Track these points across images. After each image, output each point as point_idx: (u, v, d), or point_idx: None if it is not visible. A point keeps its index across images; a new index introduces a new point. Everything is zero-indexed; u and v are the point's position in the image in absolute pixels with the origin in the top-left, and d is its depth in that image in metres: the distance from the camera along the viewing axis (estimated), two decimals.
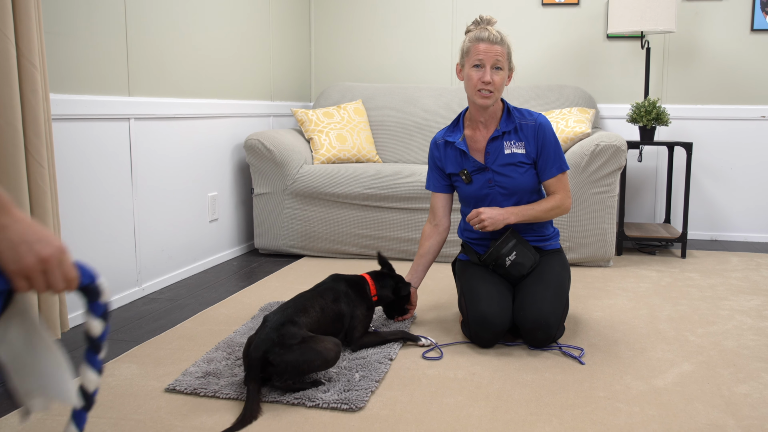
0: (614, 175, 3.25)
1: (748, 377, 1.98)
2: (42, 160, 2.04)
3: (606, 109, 4.20)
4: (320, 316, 2.04)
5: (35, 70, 2.00)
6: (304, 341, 1.85)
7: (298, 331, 1.87)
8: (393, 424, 1.68)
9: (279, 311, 1.96)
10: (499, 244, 2.27)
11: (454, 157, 2.37)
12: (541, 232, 2.40)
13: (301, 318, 1.94)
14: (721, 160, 4.13)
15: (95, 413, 1.73)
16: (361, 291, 2.25)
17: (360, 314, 2.20)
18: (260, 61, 3.90)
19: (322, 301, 2.09)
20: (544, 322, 2.14)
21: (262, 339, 1.84)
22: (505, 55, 2.25)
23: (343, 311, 2.14)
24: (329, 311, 2.09)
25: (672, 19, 3.61)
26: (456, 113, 3.96)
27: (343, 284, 2.21)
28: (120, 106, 2.69)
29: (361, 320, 2.19)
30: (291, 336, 1.84)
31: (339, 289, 2.17)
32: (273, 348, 1.80)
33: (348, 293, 2.19)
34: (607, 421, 1.70)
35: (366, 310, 2.23)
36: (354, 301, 2.19)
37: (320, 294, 2.12)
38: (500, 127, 2.31)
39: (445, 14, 4.38)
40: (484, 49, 2.22)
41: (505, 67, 2.25)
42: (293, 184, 3.51)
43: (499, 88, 2.25)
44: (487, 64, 2.22)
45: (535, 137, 2.31)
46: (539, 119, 2.32)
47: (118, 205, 2.71)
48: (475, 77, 2.24)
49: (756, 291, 2.93)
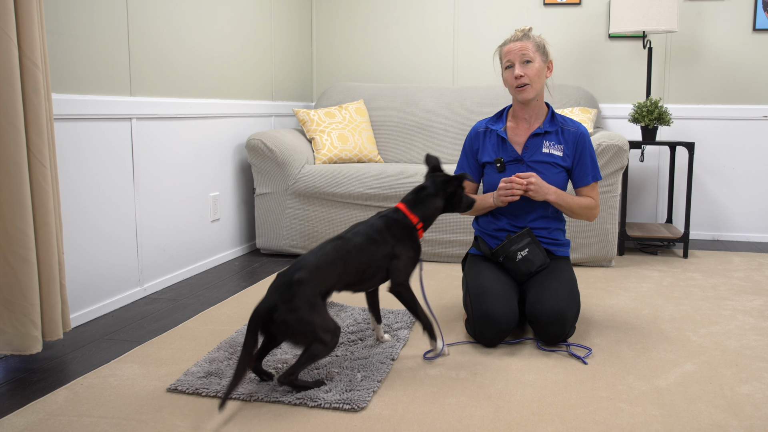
0: (616, 175, 3.25)
1: (750, 377, 1.97)
2: (44, 159, 2.04)
3: (608, 109, 4.20)
4: (343, 270, 1.93)
5: (37, 69, 2.00)
6: (311, 309, 1.80)
7: (309, 293, 1.81)
8: (395, 424, 1.68)
9: (294, 268, 1.87)
10: (513, 239, 2.32)
11: (492, 145, 2.42)
12: (555, 237, 2.42)
13: (314, 276, 1.84)
14: (723, 159, 4.12)
15: (96, 413, 1.73)
16: (402, 227, 2.06)
17: (402, 254, 2.03)
18: (262, 61, 3.90)
19: (346, 252, 1.94)
20: (561, 316, 2.14)
21: (271, 294, 1.82)
22: (532, 48, 2.30)
23: (375, 256, 1.99)
24: (354, 262, 1.95)
25: (674, 18, 3.61)
26: (458, 113, 3.96)
27: (379, 223, 2.04)
28: (122, 106, 2.69)
29: (404, 262, 2.03)
30: (300, 297, 1.79)
31: (369, 232, 2.01)
32: (279, 306, 1.78)
33: (382, 232, 2.01)
34: (609, 421, 1.70)
35: (410, 249, 2.05)
36: (392, 240, 2.02)
37: (344, 243, 1.97)
38: (543, 126, 2.37)
39: (447, 14, 4.38)
40: (509, 49, 2.33)
41: (535, 60, 2.30)
42: (295, 184, 3.51)
43: (533, 78, 2.30)
44: (515, 62, 2.30)
45: (575, 144, 2.37)
46: (581, 128, 2.40)
47: (120, 204, 2.72)
48: (509, 77, 2.34)
49: (758, 291, 2.92)
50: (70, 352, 2.20)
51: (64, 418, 1.71)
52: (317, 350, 1.82)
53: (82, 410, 1.75)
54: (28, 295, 2.01)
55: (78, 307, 2.49)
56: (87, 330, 2.43)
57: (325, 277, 1.89)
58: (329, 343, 1.83)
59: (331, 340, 1.83)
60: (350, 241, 1.98)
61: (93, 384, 1.92)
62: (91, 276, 2.57)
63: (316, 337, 1.80)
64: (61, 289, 2.15)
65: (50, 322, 2.11)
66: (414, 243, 2.07)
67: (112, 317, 2.58)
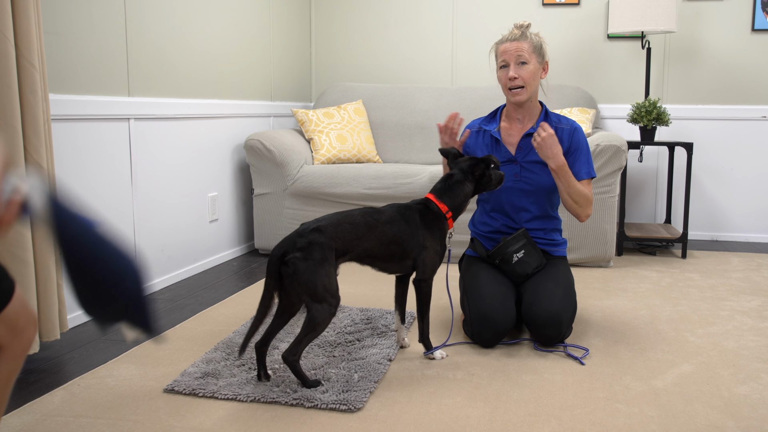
0: (615, 176, 3.25)
1: (747, 378, 1.97)
2: (41, 160, 2.04)
3: (606, 109, 4.20)
4: (366, 235, 1.92)
5: (34, 70, 2.00)
6: (321, 262, 1.80)
7: (325, 244, 1.82)
8: (391, 424, 1.68)
9: (317, 219, 1.90)
10: (509, 240, 2.30)
11: (486, 146, 2.40)
12: (552, 237, 2.41)
13: (333, 230, 1.85)
14: (721, 160, 4.12)
15: (93, 413, 1.73)
16: (432, 216, 2.05)
17: (430, 247, 2.03)
18: (260, 62, 3.90)
19: (374, 220, 1.95)
20: (557, 319, 2.14)
21: (288, 238, 1.84)
22: (528, 49, 2.27)
23: (402, 236, 1.98)
24: (381, 233, 1.95)
25: (673, 19, 3.61)
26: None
27: (413, 208, 2.04)
28: (120, 107, 2.69)
29: (431, 256, 2.04)
30: (315, 246, 1.80)
31: (403, 211, 2.02)
32: (293, 250, 1.79)
33: (415, 217, 2.02)
34: (606, 422, 1.70)
35: (437, 243, 2.05)
36: (423, 229, 2.02)
37: (374, 211, 1.99)
38: (536, 126, 2.34)
39: (446, 14, 4.38)
40: (504, 48, 2.29)
41: (531, 61, 2.27)
42: (293, 185, 3.51)
43: (528, 81, 2.27)
44: (510, 62, 2.27)
45: (570, 140, 2.34)
46: (575, 125, 2.38)
47: (118, 205, 2.71)
48: (503, 77, 2.31)
49: (756, 291, 2.92)
50: (67, 353, 2.20)
51: (60, 418, 1.71)
52: (318, 314, 1.80)
53: (79, 411, 1.75)
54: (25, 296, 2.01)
55: (76, 308, 2.48)
56: (85, 330, 2.43)
57: (345, 236, 1.89)
58: (330, 306, 1.81)
59: (332, 302, 1.82)
60: (382, 213, 2.00)
61: (90, 384, 1.92)
62: None
63: (317, 294, 1.79)
64: (59, 290, 2.15)
65: (47, 322, 2.11)
66: (442, 234, 2.08)
67: None
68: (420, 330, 2.13)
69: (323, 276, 1.80)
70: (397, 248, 2.00)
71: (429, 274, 2.07)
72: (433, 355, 2.11)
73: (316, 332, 1.83)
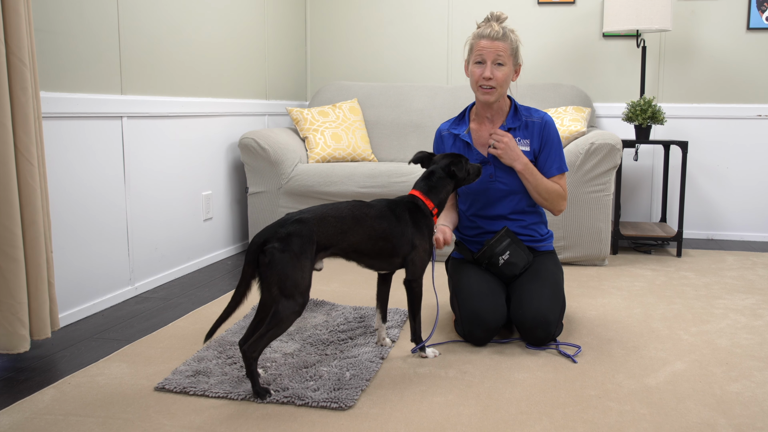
0: (609, 174, 3.25)
1: (740, 376, 1.97)
2: (32, 157, 2.03)
3: (602, 108, 4.19)
4: (352, 228, 1.90)
5: (25, 67, 1.99)
6: (298, 254, 1.77)
7: (306, 236, 1.79)
8: (382, 423, 1.67)
9: (301, 210, 1.88)
10: (493, 243, 2.27)
11: (458, 150, 2.37)
12: (535, 233, 2.39)
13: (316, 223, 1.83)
14: (717, 158, 4.12)
15: (83, 412, 1.72)
16: (421, 214, 2.04)
17: (419, 245, 2.02)
18: (255, 60, 3.89)
19: (362, 213, 1.93)
20: (544, 320, 2.13)
21: (269, 228, 1.81)
22: (508, 51, 2.24)
23: (392, 232, 1.96)
24: (369, 227, 1.93)
25: (668, 17, 3.60)
26: (452, 112, 3.95)
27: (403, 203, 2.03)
28: (112, 105, 2.68)
29: (420, 255, 2.02)
30: (295, 237, 1.77)
31: (394, 207, 2.00)
32: (273, 239, 1.77)
33: (405, 214, 2.00)
34: (597, 419, 1.69)
35: (426, 241, 2.04)
36: (413, 227, 2.01)
37: (363, 205, 1.96)
38: (506, 123, 2.32)
39: (441, 13, 4.37)
40: (485, 45, 2.24)
41: (507, 63, 2.25)
42: (288, 183, 3.50)
43: (501, 83, 2.25)
44: (488, 60, 2.23)
45: (540, 134, 2.32)
46: (545, 117, 2.34)
47: (111, 203, 2.70)
48: (476, 73, 2.26)
49: (751, 290, 2.92)
50: (58, 351, 2.19)
51: (50, 417, 1.70)
52: (283, 310, 1.75)
53: (69, 409, 1.74)
54: (15, 294, 2.00)
55: (68, 306, 2.48)
56: (76, 329, 2.42)
57: (329, 229, 1.86)
58: (296, 303, 1.76)
59: (299, 300, 1.77)
60: (371, 207, 1.98)
61: (80, 383, 1.91)
62: (82, 275, 2.56)
63: (285, 288, 1.75)
64: (50, 288, 2.14)
65: (38, 320, 2.10)
66: (430, 232, 2.07)
67: (102, 316, 2.57)
68: (412, 329, 2.12)
69: (297, 270, 1.76)
70: (387, 245, 1.97)
71: (419, 274, 2.06)
72: (426, 354, 2.11)
73: (279, 328, 1.77)
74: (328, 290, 2.86)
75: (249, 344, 1.78)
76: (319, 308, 2.58)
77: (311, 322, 2.41)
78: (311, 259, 1.81)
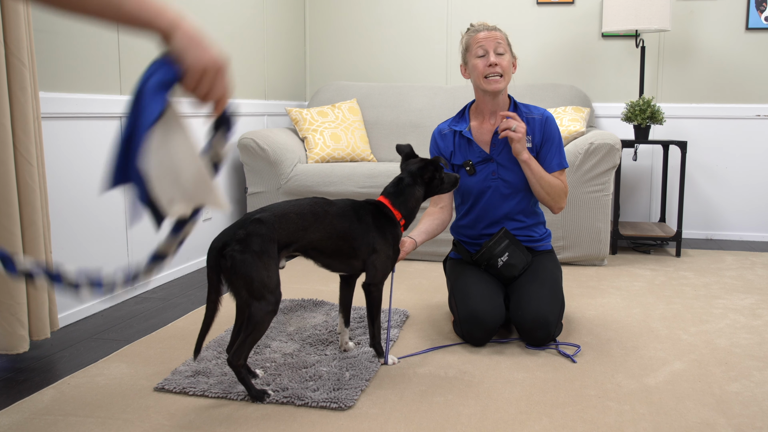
0: (608, 174, 3.25)
1: (739, 375, 1.97)
2: (31, 158, 2.03)
3: (601, 108, 4.20)
4: (312, 225, 1.84)
5: (24, 67, 1.99)
6: (260, 254, 1.70)
7: (265, 235, 1.73)
8: (382, 423, 1.67)
9: (260, 209, 1.82)
10: (492, 245, 2.27)
11: (458, 147, 2.37)
12: (534, 233, 2.39)
13: (276, 221, 1.77)
14: (716, 158, 4.12)
15: (82, 412, 1.72)
16: (386, 221, 1.98)
17: (381, 251, 1.96)
18: (254, 60, 3.89)
19: (323, 211, 1.88)
20: (544, 321, 2.13)
21: (228, 230, 1.75)
22: (505, 40, 2.27)
23: (352, 233, 1.90)
24: (329, 225, 1.87)
25: (666, 17, 3.61)
26: (451, 112, 3.95)
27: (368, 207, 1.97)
28: (111, 105, 2.68)
29: (382, 260, 1.96)
30: (254, 238, 1.71)
31: (357, 209, 1.94)
32: (232, 242, 1.71)
33: (368, 218, 1.94)
34: (597, 419, 1.69)
35: (390, 247, 1.98)
36: (375, 232, 1.95)
37: (326, 202, 1.91)
38: None
39: (440, 13, 4.38)
40: (484, 36, 2.25)
41: (507, 52, 2.26)
42: (287, 183, 3.50)
43: (506, 70, 2.25)
44: (489, 50, 2.24)
45: (542, 130, 2.31)
46: (546, 113, 2.34)
47: (110, 203, 2.70)
48: (480, 65, 2.25)
49: (750, 289, 2.92)
50: (57, 352, 2.19)
51: (49, 417, 1.70)
52: (256, 312, 1.71)
53: (68, 409, 1.74)
54: (14, 294, 2.00)
55: (67, 307, 2.47)
56: (76, 329, 2.41)
57: (290, 226, 1.80)
58: (269, 303, 1.72)
59: (270, 299, 1.72)
60: (333, 204, 1.92)
61: (80, 383, 1.91)
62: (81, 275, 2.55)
63: (254, 290, 1.70)
64: (49, 288, 2.14)
65: (37, 321, 2.10)
66: (395, 239, 2.01)
67: (101, 316, 2.57)
68: (371, 335, 2.04)
69: (261, 270, 1.70)
70: (345, 245, 1.91)
71: (380, 279, 1.98)
72: (385, 361, 2.04)
73: (258, 331, 1.73)
74: (328, 290, 2.86)
75: (232, 353, 1.76)
76: (318, 308, 2.58)
77: (311, 323, 2.41)
78: (274, 257, 1.75)
